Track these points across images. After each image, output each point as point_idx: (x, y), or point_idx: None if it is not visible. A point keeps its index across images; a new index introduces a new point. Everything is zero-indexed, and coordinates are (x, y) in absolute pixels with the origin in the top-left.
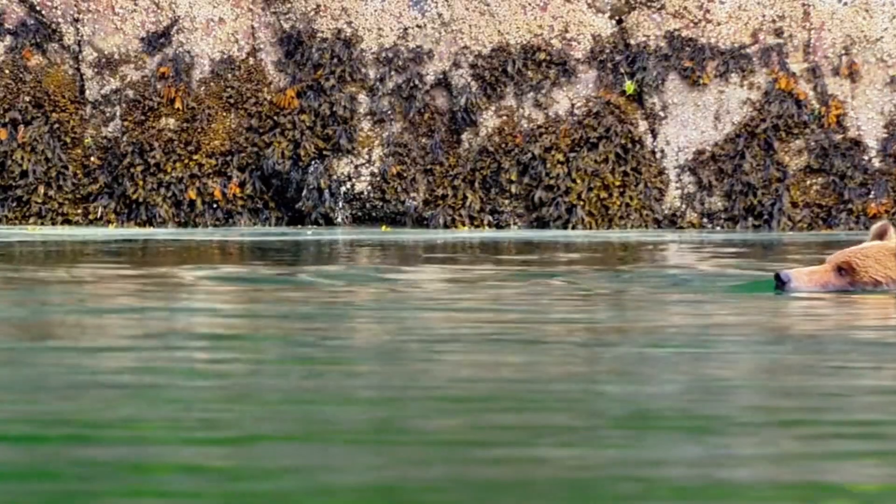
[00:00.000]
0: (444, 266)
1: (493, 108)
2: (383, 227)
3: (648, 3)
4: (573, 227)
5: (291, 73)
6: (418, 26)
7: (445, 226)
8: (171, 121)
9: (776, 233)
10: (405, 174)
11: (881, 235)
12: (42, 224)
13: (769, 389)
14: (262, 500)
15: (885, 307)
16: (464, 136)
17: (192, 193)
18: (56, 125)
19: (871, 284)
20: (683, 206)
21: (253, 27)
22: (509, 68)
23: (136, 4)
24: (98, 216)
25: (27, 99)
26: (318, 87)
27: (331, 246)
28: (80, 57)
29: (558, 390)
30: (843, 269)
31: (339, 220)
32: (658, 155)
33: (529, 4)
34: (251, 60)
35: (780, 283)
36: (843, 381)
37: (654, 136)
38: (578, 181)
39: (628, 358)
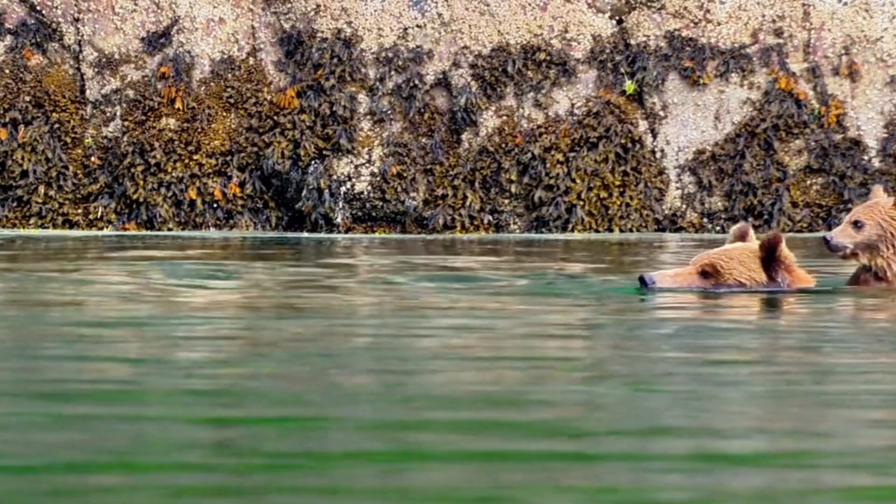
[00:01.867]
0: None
1: (493, 108)
2: (378, 232)
3: (648, 3)
4: (573, 228)
5: (291, 72)
6: (418, 26)
7: (445, 226)
8: (172, 121)
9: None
10: (405, 174)
11: (742, 237)
12: (42, 224)
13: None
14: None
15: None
16: (464, 136)
17: (192, 193)
18: (56, 125)
19: (736, 286)
20: (684, 206)
21: (253, 27)
22: (509, 68)
23: (136, 4)
24: (98, 216)
25: (27, 99)
26: (318, 86)
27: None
28: (80, 57)
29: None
30: (707, 272)
31: (339, 220)
32: (658, 155)
33: (529, 4)
34: (251, 60)
35: (644, 286)
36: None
37: (655, 136)
38: (578, 181)
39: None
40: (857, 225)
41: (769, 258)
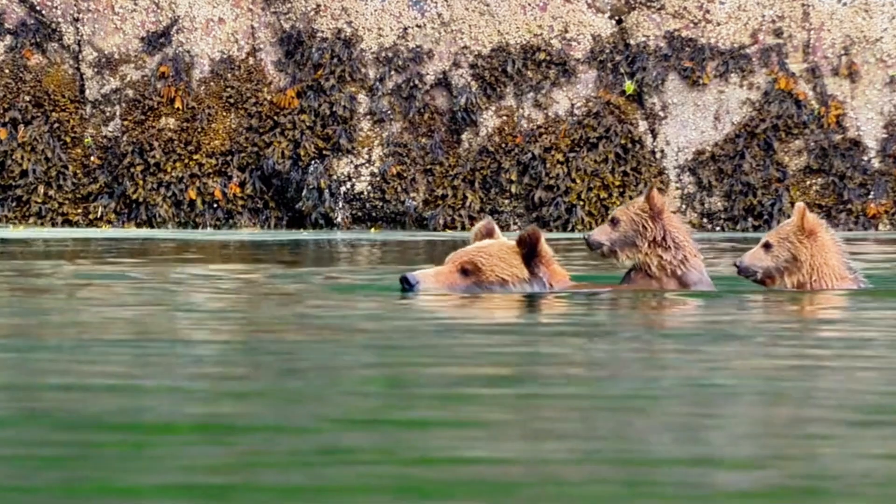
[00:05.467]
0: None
1: (492, 108)
2: (373, 230)
3: (648, 4)
4: (573, 228)
5: (291, 72)
6: (418, 26)
7: (445, 226)
8: (171, 120)
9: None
10: (405, 174)
11: (488, 235)
12: (42, 224)
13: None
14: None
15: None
16: (464, 136)
17: (192, 193)
18: (56, 125)
19: (498, 283)
20: (683, 206)
21: (253, 27)
22: (509, 68)
23: (136, 4)
24: (98, 216)
25: (27, 98)
26: (317, 86)
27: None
28: (80, 56)
29: None
30: (468, 269)
31: (339, 219)
32: (658, 155)
33: (529, 4)
34: (251, 60)
35: (406, 285)
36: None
37: (654, 137)
38: (578, 181)
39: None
40: (613, 222)
41: (530, 254)
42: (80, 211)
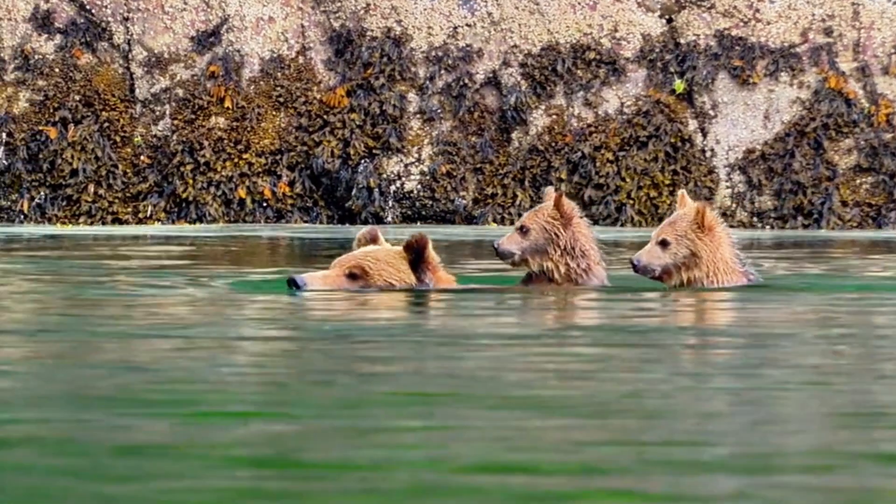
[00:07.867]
0: None
1: (542, 106)
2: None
3: (698, 3)
4: (622, 226)
5: (341, 71)
6: (468, 25)
7: (495, 224)
8: (221, 120)
9: (825, 231)
10: (455, 173)
11: (373, 241)
12: (92, 223)
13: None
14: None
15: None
16: (513, 135)
17: (241, 192)
18: (106, 124)
19: (385, 288)
20: (734, 205)
21: (303, 26)
22: (559, 67)
23: (185, 3)
24: (148, 215)
25: (77, 98)
26: (367, 85)
27: None
28: (129, 56)
29: None
30: (356, 274)
31: (389, 218)
32: (708, 154)
33: (579, 4)
34: (301, 59)
35: (294, 287)
36: None
37: (704, 135)
38: (628, 180)
39: None
40: (523, 230)
41: (417, 259)
42: (129, 210)
